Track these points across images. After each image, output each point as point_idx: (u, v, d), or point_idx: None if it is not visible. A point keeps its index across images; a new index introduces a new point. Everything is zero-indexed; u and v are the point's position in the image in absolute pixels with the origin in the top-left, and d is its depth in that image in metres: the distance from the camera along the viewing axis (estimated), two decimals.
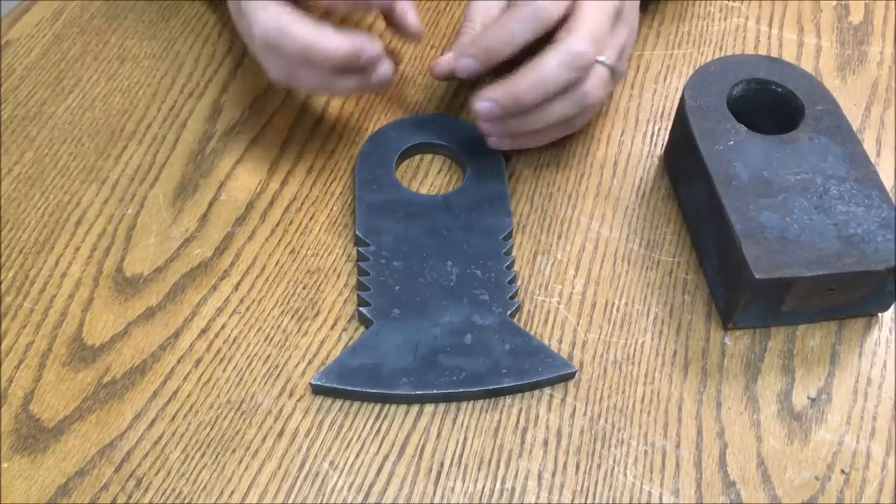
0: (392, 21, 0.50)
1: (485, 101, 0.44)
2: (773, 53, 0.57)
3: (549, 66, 0.42)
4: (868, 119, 0.53)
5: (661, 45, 0.57)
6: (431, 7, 0.59)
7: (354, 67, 0.44)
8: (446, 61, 0.50)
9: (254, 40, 0.43)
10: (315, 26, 0.42)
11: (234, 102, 0.53)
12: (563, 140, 0.51)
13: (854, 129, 0.46)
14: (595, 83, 0.44)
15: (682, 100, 0.47)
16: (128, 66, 0.55)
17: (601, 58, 0.44)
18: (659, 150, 0.51)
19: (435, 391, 0.40)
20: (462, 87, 0.54)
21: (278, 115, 0.52)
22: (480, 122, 0.46)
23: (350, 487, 0.38)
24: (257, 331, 0.43)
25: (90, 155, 0.50)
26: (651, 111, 0.53)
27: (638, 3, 0.51)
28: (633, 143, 0.51)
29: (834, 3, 0.61)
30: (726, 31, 0.58)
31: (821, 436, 0.40)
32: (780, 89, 0.48)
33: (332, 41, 0.42)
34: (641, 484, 0.39)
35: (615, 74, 0.45)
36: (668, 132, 0.51)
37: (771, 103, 0.48)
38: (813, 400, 0.41)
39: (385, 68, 0.45)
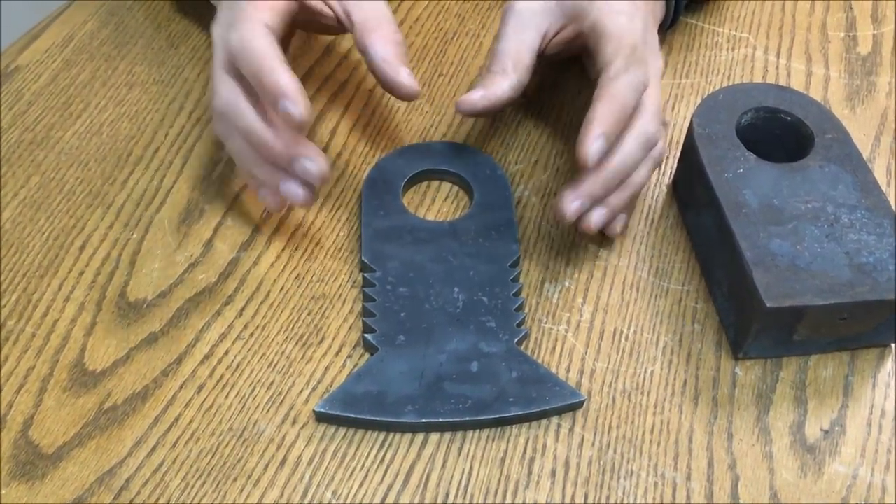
0: (382, 81, 0.47)
1: (574, 202, 0.43)
2: (782, 83, 0.57)
3: (629, 151, 0.44)
4: (878, 149, 0.53)
5: (669, 75, 0.57)
6: (439, 36, 0.60)
7: (285, 167, 0.43)
8: (474, 99, 0.47)
9: (212, 105, 0.44)
10: (262, 116, 0.43)
11: None
12: (570, 167, 0.51)
13: (863, 157, 0.46)
14: (663, 141, 0.46)
15: (690, 128, 0.47)
16: (136, 92, 0.55)
17: None
18: (667, 179, 0.51)
19: (440, 419, 0.40)
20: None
21: None
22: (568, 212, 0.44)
23: None
24: (261, 357, 0.42)
25: (96, 179, 0.50)
26: None
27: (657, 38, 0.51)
28: (666, 151, 0.51)
29: (842, 34, 0.61)
30: (734, 61, 0.58)
31: (834, 469, 0.39)
32: (789, 117, 0.47)
33: (270, 135, 0.42)
34: None
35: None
36: (676, 160, 0.51)
37: (780, 132, 0.48)
38: (826, 432, 0.41)
39: (297, 190, 0.43)
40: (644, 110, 0.44)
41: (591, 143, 0.41)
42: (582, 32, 0.47)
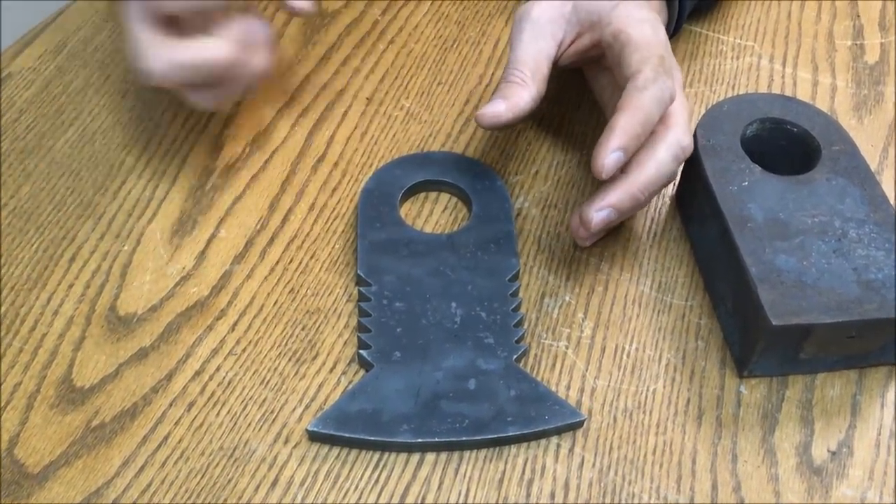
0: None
1: (603, 211, 0.42)
2: (788, 93, 0.56)
3: (664, 162, 0.42)
4: (886, 160, 0.52)
5: None
6: (438, 44, 0.59)
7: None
8: (499, 111, 0.45)
9: (145, 71, 0.43)
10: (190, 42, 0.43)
11: (236, 138, 0.52)
12: (571, 179, 0.50)
13: (871, 170, 0.45)
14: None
15: (693, 139, 0.46)
16: (130, 100, 0.54)
17: None
18: (670, 190, 0.50)
19: (437, 439, 0.38)
20: (476, 125, 0.53)
21: (280, 152, 0.51)
22: (584, 230, 0.43)
23: None
24: (253, 373, 0.41)
25: (88, 189, 0.49)
26: None
27: None
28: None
29: (849, 42, 0.60)
30: (739, 69, 0.57)
31: (842, 492, 0.38)
32: (795, 129, 0.46)
33: (214, 49, 0.43)
34: None
35: None
36: (679, 172, 0.50)
37: (786, 143, 0.47)
38: (833, 453, 0.39)
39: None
40: (676, 121, 0.43)
41: (608, 155, 0.40)
42: (602, 41, 0.45)
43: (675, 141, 0.43)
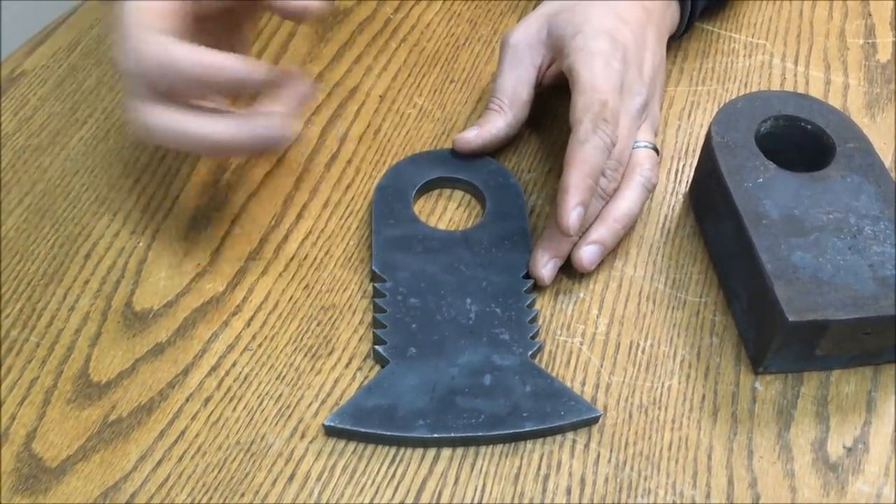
0: (286, 14, 0.43)
1: (593, 245, 0.44)
2: (800, 91, 0.56)
3: (635, 201, 0.45)
4: None
5: (685, 82, 0.56)
6: (451, 42, 0.59)
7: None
8: (469, 137, 0.49)
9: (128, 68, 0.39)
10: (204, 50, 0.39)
11: None
12: None
13: (885, 167, 0.45)
14: (651, 166, 0.46)
15: (708, 136, 0.46)
16: None
17: (642, 143, 0.46)
18: (684, 187, 0.50)
19: (452, 434, 0.39)
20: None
21: (294, 149, 0.51)
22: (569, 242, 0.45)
23: None
24: (269, 368, 0.41)
25: (103, 186, 0.49)
26: (675, 147, 0.52)
27: (664, 41, 0.51)
28: (658, 179, 0.50)
29: (861, 41, 0.60)
30: (751, 67, 0.57)
31: (858, 488, 0.38)
32: (809, 126, 0.46)
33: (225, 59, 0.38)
34: None
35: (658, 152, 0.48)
36: (692, 169, 0.50)
37: (800, 140, 0.47)
38: (849, 449, 0.39)
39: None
40: (640, 160, 0.45)
41: (570, 213, 0.42)
42: (564, 72, 0.46)
43: (641, 181, 0.46)
